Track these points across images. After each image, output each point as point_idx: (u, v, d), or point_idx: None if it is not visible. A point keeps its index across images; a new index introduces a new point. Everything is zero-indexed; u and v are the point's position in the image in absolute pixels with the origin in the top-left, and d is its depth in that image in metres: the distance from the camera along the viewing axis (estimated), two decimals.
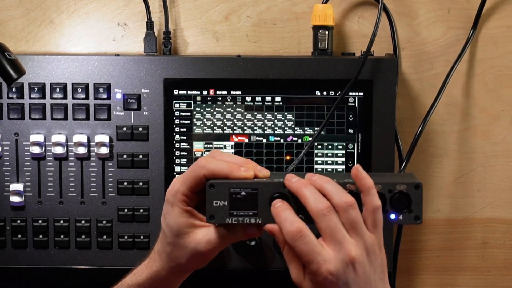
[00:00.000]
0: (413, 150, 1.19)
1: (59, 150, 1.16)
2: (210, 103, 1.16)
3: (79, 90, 1.16)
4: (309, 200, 0.82)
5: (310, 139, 1.16)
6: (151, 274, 0.93)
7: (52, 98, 1.16)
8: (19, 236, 1.18)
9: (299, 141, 1.17)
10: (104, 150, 1.16)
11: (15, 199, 1.17)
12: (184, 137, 1.17)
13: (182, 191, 0.88)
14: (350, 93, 1.15)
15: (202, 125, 1.17)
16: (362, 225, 0.82)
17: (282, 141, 1.17)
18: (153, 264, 0.93)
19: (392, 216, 0.86)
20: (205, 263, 0.91)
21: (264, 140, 1.17)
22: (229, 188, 0.86)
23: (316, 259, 0.80)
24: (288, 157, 1.17)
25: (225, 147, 1.17)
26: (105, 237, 1.18)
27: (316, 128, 1.16)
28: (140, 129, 1.17)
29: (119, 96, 1.16)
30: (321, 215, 0.81)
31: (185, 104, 1.17)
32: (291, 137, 1.17)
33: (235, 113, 1.17)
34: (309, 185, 0.83)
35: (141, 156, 1.17)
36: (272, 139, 1.17)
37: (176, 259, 0.90)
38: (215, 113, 1.17)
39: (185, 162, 1.17)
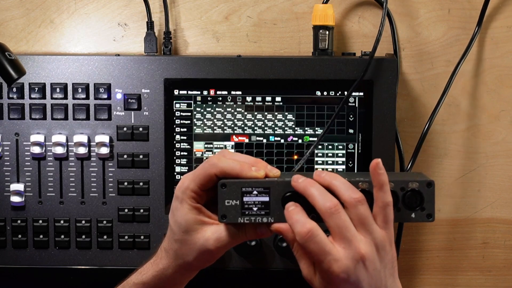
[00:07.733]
0: (419, 151, 1.20)
1: (60, 150, 1.16)
2: (210, 103, 1.16)
3: (80, 90, 1.16)
4: (317, 199, 0.82)
5: (311, 139, 1.16)
6: (157, 272, 0.93)
7: (52, 98, 1.16)
8: (20, 236, 1.18)
9: (300, 141, 1.16)
10: (105, 150, 1.16)
11: (15, 199, 1.17)
12: (185, 137, 1.17)
13: (191, 188, 0.88)
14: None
15: (202, 125, 1.17)
16: (371, 221, 0.82)
17: (282, 141, 1.17)
18: (160, 261, 0.93)
19: None
20: (211, 261, 0.91)
21: (265, 140, 1.17)
22: (241, 188, 0.86)
23: (327, 259, 0.80)
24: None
25: (225, 147, 1.17)
26: (105, 237, 1.18)
27: (316, 128, 1.16)
28: (141, 129, 1.17)
29: (119, 96, 1.16)
30: (329, 213, 0.81)
31: (186, 104, 1.17)
32: (291, 137, 1.17)
33: (236, 113, 1.16)
34: (315, 184, 0.83)
35: (141, 156, 1.17)
36: (273, 139, 1.17)
37: (183, 256, 0.90)
38: (215, 113, 1.17)
39: (185, 162, 1.17)
